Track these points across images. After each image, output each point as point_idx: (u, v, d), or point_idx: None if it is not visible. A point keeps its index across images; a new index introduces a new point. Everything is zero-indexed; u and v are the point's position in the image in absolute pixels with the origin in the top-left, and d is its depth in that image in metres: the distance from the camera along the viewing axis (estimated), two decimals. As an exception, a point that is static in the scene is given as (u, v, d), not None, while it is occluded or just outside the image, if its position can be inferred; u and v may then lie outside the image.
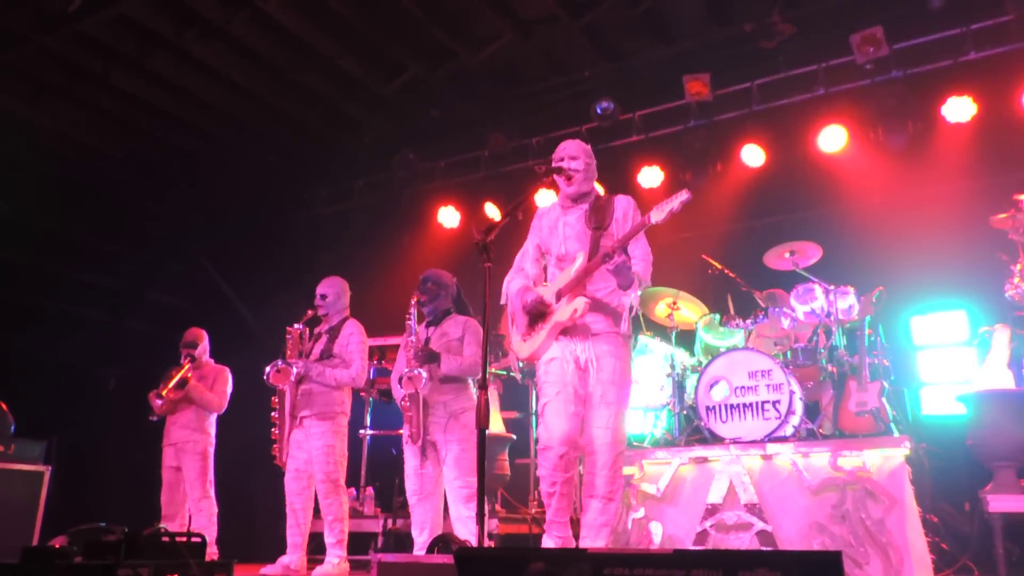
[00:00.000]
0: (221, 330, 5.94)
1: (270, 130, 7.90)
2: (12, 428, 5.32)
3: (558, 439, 3.45)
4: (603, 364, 3.49)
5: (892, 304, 5.27)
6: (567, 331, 3.54)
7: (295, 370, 4.81)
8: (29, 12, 6.15)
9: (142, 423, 5.49)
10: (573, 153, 3.73)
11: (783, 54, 6.44)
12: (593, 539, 3.40)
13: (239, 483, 6.08)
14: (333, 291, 5.08)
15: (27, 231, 7.89)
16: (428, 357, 4.38)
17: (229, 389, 5.69)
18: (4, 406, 5.37)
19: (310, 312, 5.03)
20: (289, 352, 4.94)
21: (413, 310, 4.58)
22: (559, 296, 3.57)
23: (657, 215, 3.37)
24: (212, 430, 5.64)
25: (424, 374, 4.31)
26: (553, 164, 3.73)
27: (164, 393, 5.38)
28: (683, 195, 3.35)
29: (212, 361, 5.83)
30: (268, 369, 4.81)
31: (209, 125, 7.77)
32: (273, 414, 4.92)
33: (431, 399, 4.40)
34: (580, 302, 3.47)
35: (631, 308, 3.57)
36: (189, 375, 5.50)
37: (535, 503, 5.96)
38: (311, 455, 4.84)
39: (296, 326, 5.00)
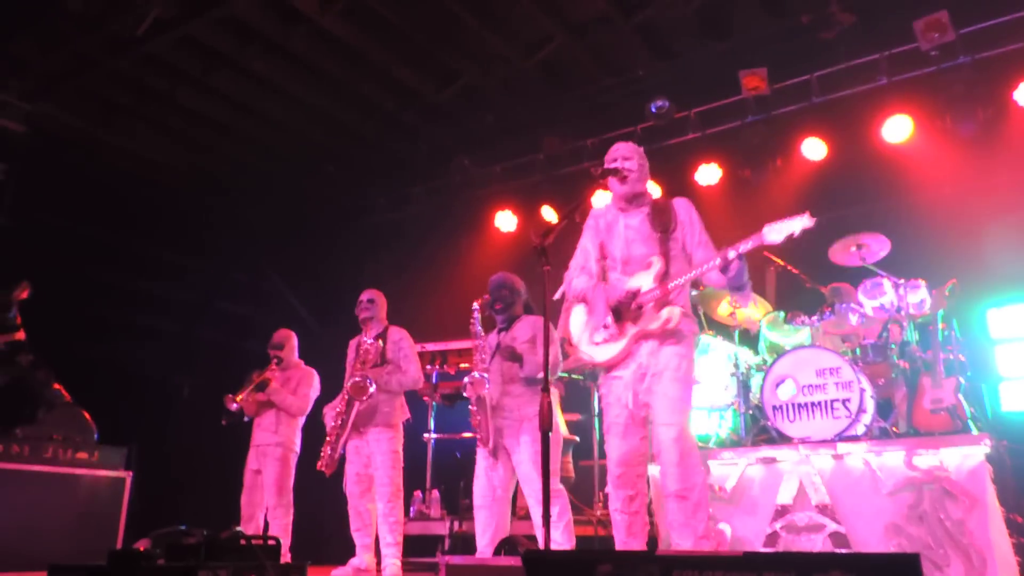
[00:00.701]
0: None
1: (329, 141, 8.08)
2: (95, 436, 5.54)
3: (616, 460, 3.49)
4: (669, 362, 3.44)
5: (967, 297, 5.08)
6: (641, 336, 3.49)
7: (372, 388, 4.91)
8: (100, 37, 6.42)
9: (215, 429, 5.61)
10: (626, 154, 3.69)
11: (843, 44, 6.28)
12: (678, 539, 3.36)
13: (307, 486, 6.21)
14: (379, 298, 5.25)
15: (104, 247, 8.23)
16: (512, 356, 4.41)
17: (314, 393, 5.69)
18: (87, 415, 5.60)
19: (369, 329, 5.13)
20: (354, 365, 5.04)
21: (477, 315, 4.61)
22: (642, 304, 3.48)
23: (774, 236, 3.29)
24: (295, 436, 5.63)
25: (486, 377, 4.35)
26: (607, 165, 3.70)
27: (240, 398, 5.46)
28: (806, 221, 3.25)
29: (301, 363, 5.84)
30: (347, 385, 4.96)
31: (270, 138, 7.99)
32: (334, 424, 5.02)
33: (503, 402, 4.43)
34: (675, 312, 3.41)
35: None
36: (271, 377, 5.55)
37: (600, 504, 5.94)
38: (372, 460, 4.95)
39: (368, 340, 5.08)
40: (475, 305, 4.68)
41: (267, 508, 5.49)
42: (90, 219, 7.94)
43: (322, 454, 4.98)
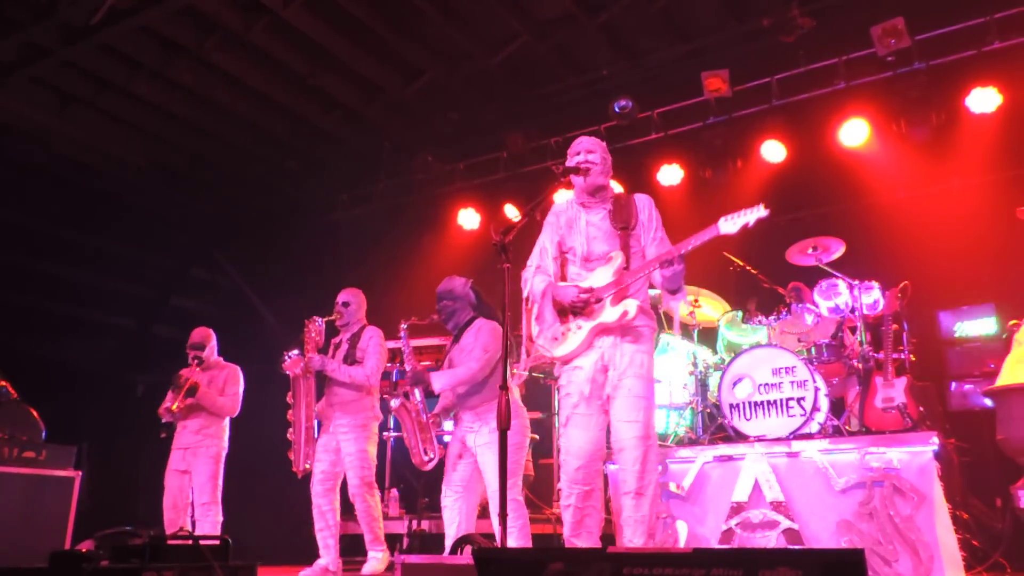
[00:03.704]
0: (245, 334, 6.00)
1: (290, 136, 7.98)
2: (43, 435, 5.39)
3: (575, 452, 3.42)
4: (632, 359, 3.44)
5: (918, 298, 5.19)
6: (600, 331, 3.49)
7: (305, 359, 4.91)
8: (53, 25, 6.26)
9: (171, 428, 5.50)
10: (589, 147, 3.69)
11: (803, 48, 6.38)
12: (631, 536, 3.36)
13: (262, 487, 6.12)
14: (355, 300, 5.19)
15: (54, 241, 8.03)
16: (415, 380, 4.52)
17: (241, 389, 5.58)
18: (35, 413, 5.45)
19: (335, 318, 5.11)
20: (307, 346, 4.99)
21: (403, 335, 4.70)
22: (598, 298, 3.49)
23: (728, 227, 3.32)
24: (225, 434, 5.53)
25: (396, 403, 4.53)
26: (569, 161, 3.70)
27: (175, 408, 5.31)
28: (759, 211, 3.29)
29: (221, 360, 5.71)
30: (285, 356, 4.95)
31: (230, 132, 7.87)
32: (289, 413, 4.98)
33: (460, 405, 4.44)
34: (632, 305, 3.42)
35: (675, 313, 3.53)
36: (197, 382, 5.41)
37: (558, 503, 5.94)
38: (341, 459, 4.90)
39: (316, 320, 5.05)
40: (402, 326, 4.73)
41: (196, 507, 5.32)
42: (42, 212, 7.75)
43: (288, 454, 4.95)
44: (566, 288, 3.59)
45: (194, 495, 5.38)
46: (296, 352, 4.95)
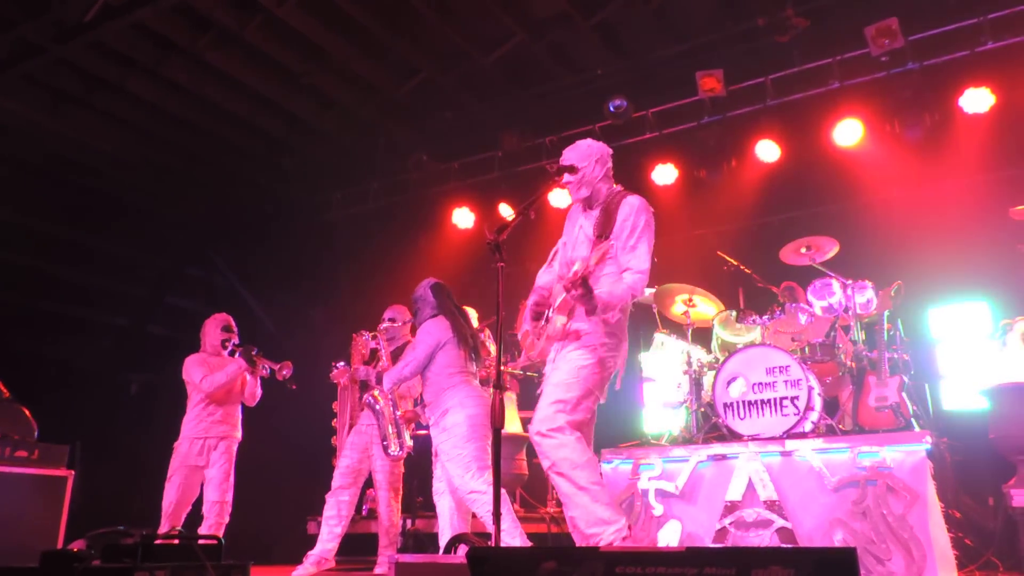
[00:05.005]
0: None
1: (285, 134, 7.96)
2: (36, 434, 5.36)
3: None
4: (558, 362, 3.47)
5: (911, 298, 5.22)
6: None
7: (351, 369, 5.09)
8: (46, 22, 6.23)
9: (165, 426, 5.46)
10: (579, 155, 3.65)
11: (797, 48, 6.39)
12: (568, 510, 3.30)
13: (257, 486, 6.10)
14: (401, 317, 5.33)
15: (47, 239, 8.00)
16: (377, 379, 4.80)
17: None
18: (27, 412, 5.42)
19: (380, 331, 5.23)
20: (354, 358, 5.15)
21: (381, 337, 5.04)
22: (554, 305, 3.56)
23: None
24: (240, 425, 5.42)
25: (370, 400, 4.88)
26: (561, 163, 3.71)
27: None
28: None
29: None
30: (333, 366, 5.19)
31: (224, 130, 7.84)
32: (334, 420, 5.24)
33: (427, 405, 4.53)
34: (559, 321, 3.46)
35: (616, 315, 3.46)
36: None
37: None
38: (368, 458, 5.11)
39: (364, 333, 5.20)
40: (383, 325, 5.11)
41: (207, 503, 5.16)
42: (35, 210, 7.71)
43: (334, 461, 5.19)
44: (532, 295, 3.69)
45: (205, 491, 5.16)
46: (343, 363, 5.15)
